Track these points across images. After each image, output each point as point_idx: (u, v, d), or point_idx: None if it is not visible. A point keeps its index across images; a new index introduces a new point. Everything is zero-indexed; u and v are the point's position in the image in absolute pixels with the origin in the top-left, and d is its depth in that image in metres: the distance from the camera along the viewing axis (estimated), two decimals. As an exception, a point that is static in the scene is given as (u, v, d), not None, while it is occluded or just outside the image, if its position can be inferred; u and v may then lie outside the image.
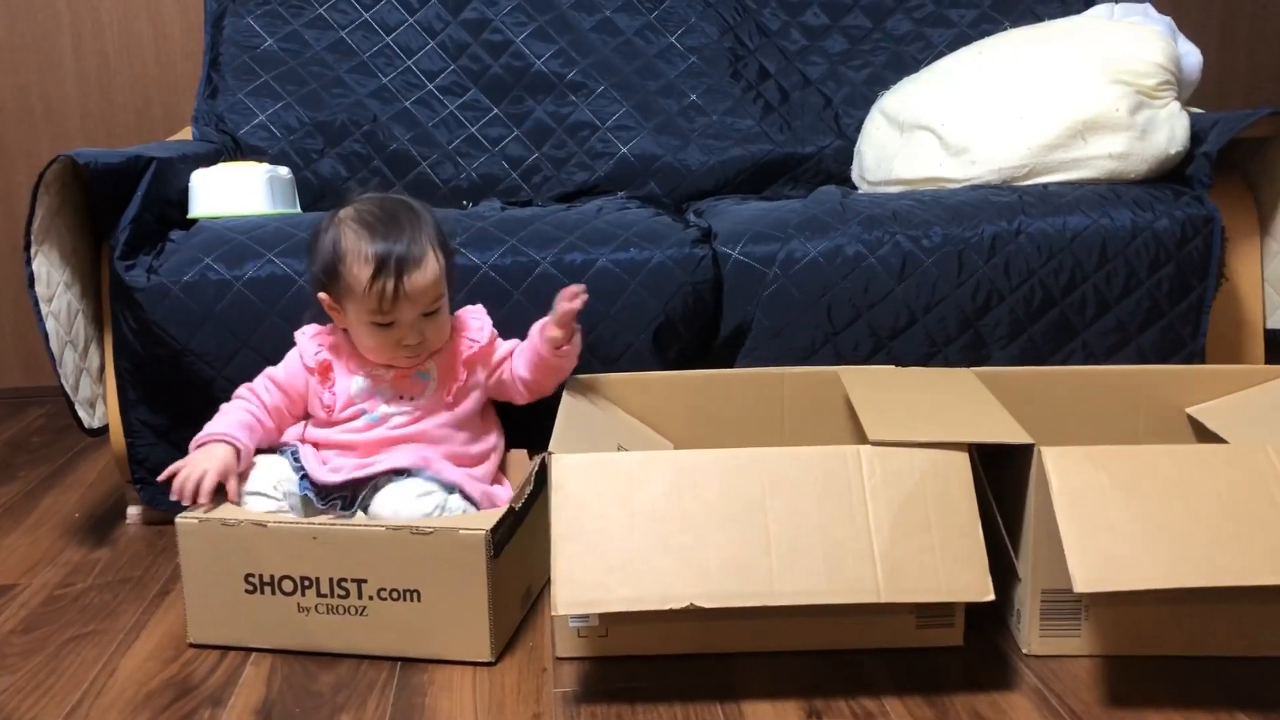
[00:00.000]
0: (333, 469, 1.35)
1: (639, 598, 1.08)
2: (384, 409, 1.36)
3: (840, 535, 1.09)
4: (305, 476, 1.35)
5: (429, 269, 1.31)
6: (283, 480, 1.33)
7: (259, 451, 1.36)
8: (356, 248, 1.30)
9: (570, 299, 1.34)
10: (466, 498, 1.33)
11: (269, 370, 1.42)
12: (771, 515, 1.11)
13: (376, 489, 1.32)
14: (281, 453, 1.37)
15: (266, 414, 1.38)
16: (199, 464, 1.28)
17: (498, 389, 1.43)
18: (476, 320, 1.43)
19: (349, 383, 1.38)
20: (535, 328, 1.40)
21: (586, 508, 1.12)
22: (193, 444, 1.32)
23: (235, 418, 1.35)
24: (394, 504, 1.28)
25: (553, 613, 1.09)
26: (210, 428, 1.34)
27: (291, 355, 1.42)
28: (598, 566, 1.09)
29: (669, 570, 1.08)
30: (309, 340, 1.41)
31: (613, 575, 1.09)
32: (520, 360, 1.41)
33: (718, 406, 1.48)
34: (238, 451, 1.31)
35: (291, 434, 1.40)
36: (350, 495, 1.34)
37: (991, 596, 1.08)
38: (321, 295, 1.36)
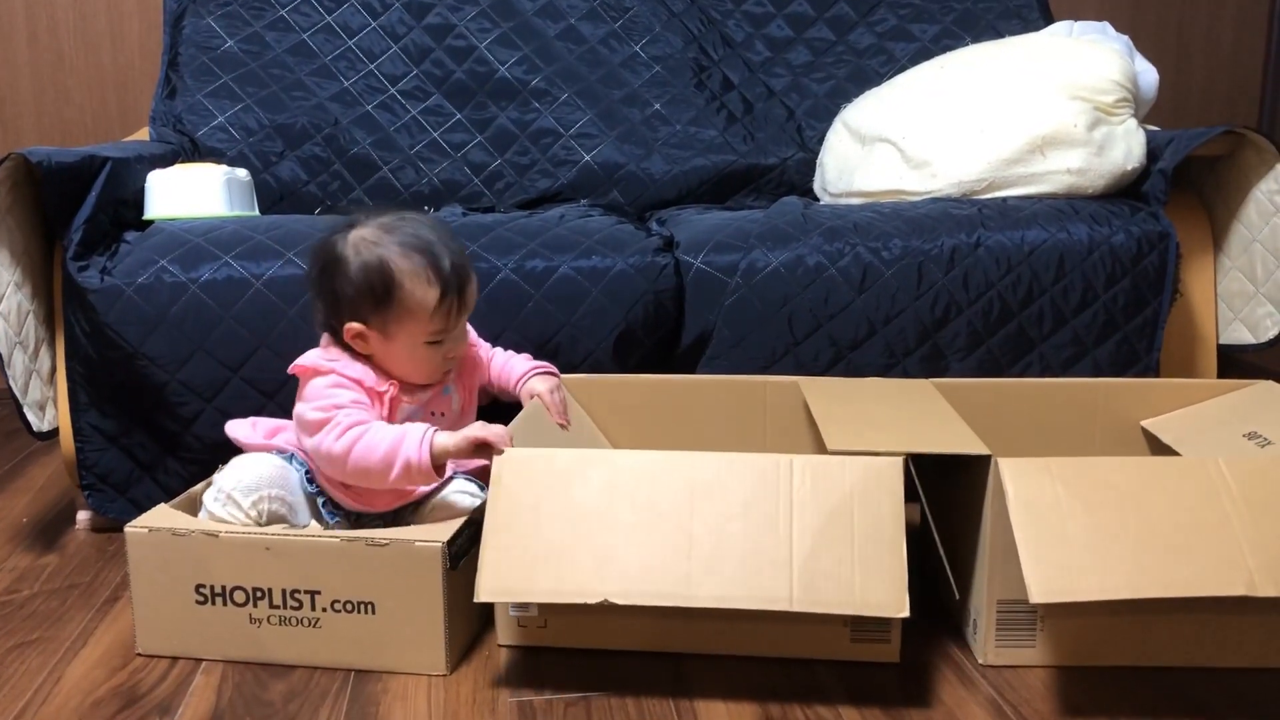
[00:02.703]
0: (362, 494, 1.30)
1: (558, 590, 1.10)
2: None
3: (761, 543, 1.10)
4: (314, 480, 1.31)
5: (475, 286, 1.32)
6: (261, 497, 1.25)
7: (241, 451, 1.33)
8: (413, 268, 1.24)
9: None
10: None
11: (348, 398, 1.24)
12: (697, 519, 1.11)
13: (419, 505, 1.32)
14: (289, 459, 1.30)
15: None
16: (469, 431, 1.19)
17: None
18: None
19: (399, 411, 1.30)
20: (517, 376, 1.44)
21: (521, 501, 1.13)
22: (416, 457, 1.19)
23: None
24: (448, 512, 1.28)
25: (475, 599, 1.10)
26: (412, 436, 1.19)
27: (340, 386, 1.25)
28: (523, 558, 1.11)
29: (589, 566, 1.10)
30: (353, 363, 1.27)
31: (536, 568, 1.10)
32: (503, 377, 1.45)
33: (699, 412, 1.49)
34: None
35: (284, 439, 1.34)
36: (392, 515, 1.33)
37: (905, 613, 1.07)
38: (352, 325, 1.25)
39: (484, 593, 1.10)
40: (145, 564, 1.21)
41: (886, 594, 1.08)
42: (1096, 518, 1.08)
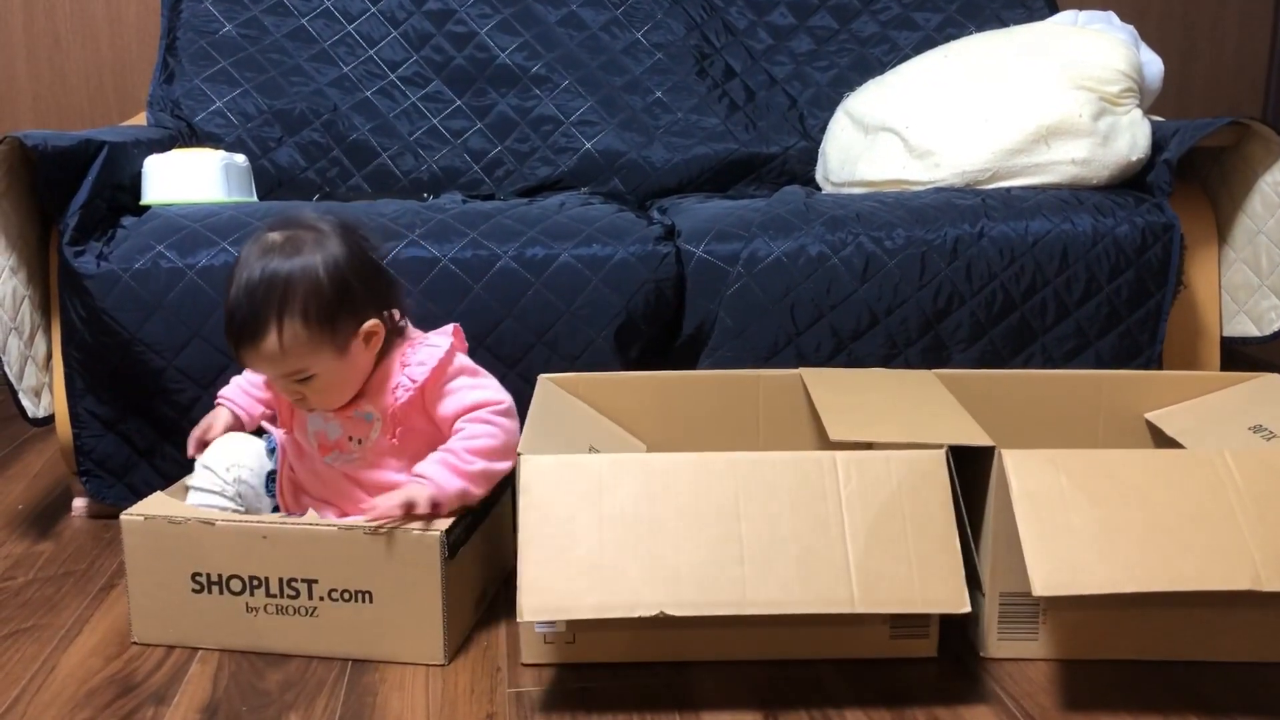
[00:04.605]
0: (295, 488, 1.29)
1: (607, 605, 1.05)
2: (337, 454, 1.25)
3: (814, 544, 1.07)
4: (274, 476, 1.30)
5: (267, 346, 1.14)
6: (235, 465, 1.27)
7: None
8: (230, 288, 1.16)
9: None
10: None
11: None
12: (745, 522, 1.08)
13: None
14: (265, 438, 1.32)
15: (256, 395, 1.36)
16: (207, 419, 1.33)
17: None
18: (423, 354, 1.22)
19: (304, 419, 1.26)
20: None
21: (554, 511, 1.09)
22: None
23: (231, 389, 1.38)
24: None
25: (519, 620, 1.05)
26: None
27: None
28: (565, 572, 1.06)
29: (638, 577, 1.05)
30: None
31: (579, 581, 1.05)
32: None
33: (694, 408, 1.46)
34: (236, 417, 1.34)
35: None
36: None
37: (967, 608, 1.06)
38: None
39: (527, 613, 1.04)
40: (141, 552, 1.20)
41: (946, 590, 1.06)
42: (1100, 510, 1.07)
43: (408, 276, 1.49)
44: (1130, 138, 1.67)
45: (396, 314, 1.25)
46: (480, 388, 1.22)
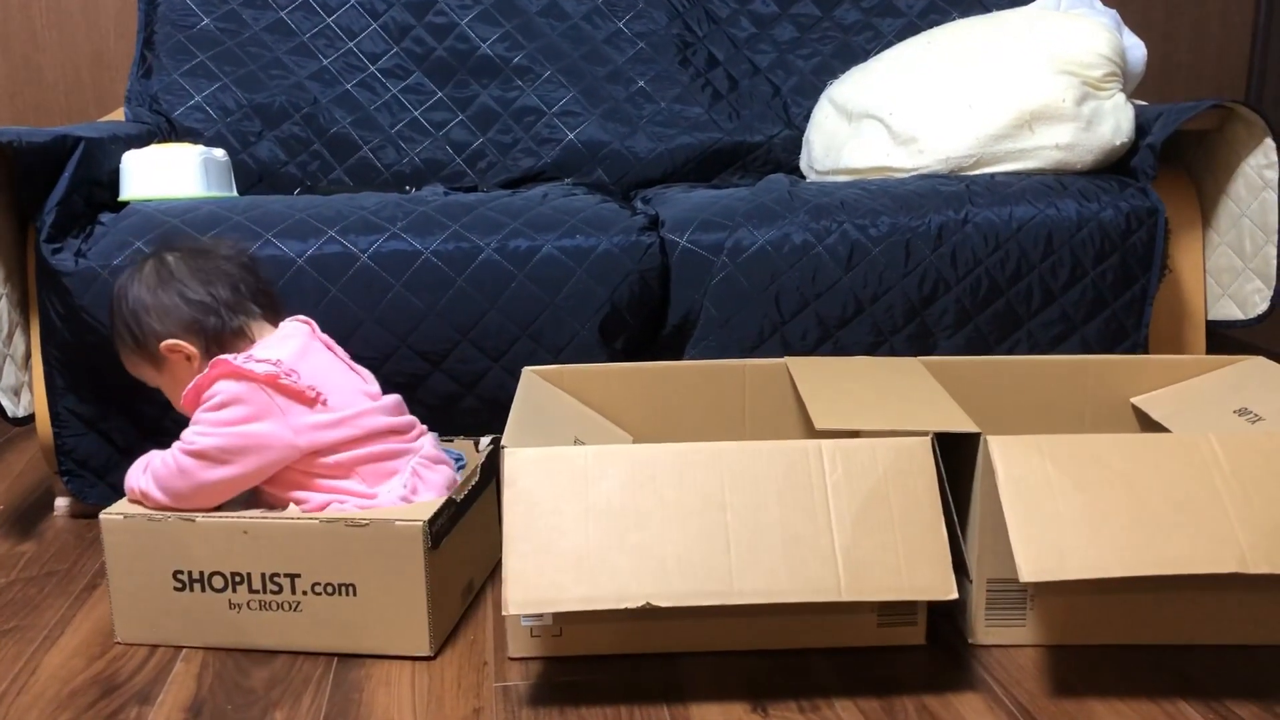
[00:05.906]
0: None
1: (594, 597, 1.05)
2: None
3: (801, 532, 1.07)
4: None
5: (117, 345, 1.33)
6: None
7: None
8: None
9: None
10: None
11: None
12: (731, 512, 1.08)
13: None
14: None
15: None
16: None
17: None
18: (207, 371, 1.24)
19: None
20: None
21: (539, 504, 1.09)
22: None
23: None
24: None
25: (504, 613, 1.05)
26: None
27: None
28: (551, 565, 1.06)
29: (624, 568, 1.05)
30: None
31: (566, 574, 1.05)
32: None
33: (678, 399, 1.45)
34: None
35: None
36: None
37: (954, 595, 1.06)
38: None
39: (513, 605, 1.04)
40: (122, 551, 1.19)
41: (933, 577, 1.06)
42: (1087, 495, 1.07)
43: (390, 270, 1.48)
44: (1114, 122, 1.67)
45: (225, 334, 1.28)
46: (198, 424, 1.22)
